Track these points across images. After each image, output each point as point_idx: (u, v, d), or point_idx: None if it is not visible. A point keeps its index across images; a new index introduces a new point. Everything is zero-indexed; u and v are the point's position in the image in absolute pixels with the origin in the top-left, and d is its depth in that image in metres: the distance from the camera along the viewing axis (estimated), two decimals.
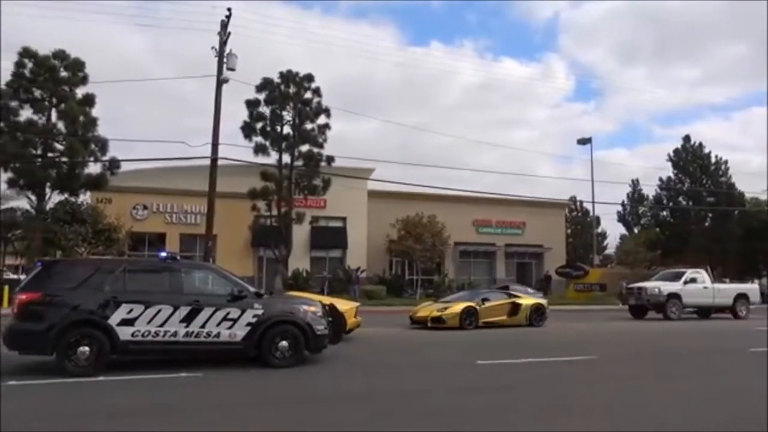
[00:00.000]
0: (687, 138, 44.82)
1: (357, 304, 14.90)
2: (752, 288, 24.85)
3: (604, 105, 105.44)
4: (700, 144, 44.33)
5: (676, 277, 22.94)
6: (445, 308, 16.94)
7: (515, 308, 17.84)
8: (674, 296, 21.88)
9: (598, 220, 51.06)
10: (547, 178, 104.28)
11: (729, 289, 23.31)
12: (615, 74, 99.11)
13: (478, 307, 17.00)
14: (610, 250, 55.60)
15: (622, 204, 50.57)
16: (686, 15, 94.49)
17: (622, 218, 52.70)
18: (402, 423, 5.93)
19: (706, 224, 42.81)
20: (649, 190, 48.78)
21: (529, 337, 14.85)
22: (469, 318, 16.65)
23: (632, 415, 6.38)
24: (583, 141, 39.11)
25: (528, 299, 18.91)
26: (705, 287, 22.62)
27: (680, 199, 44.47)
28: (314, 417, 6.16)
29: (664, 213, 45.49)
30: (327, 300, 12.52)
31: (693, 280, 22.64)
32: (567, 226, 49.25)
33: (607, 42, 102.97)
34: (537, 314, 17.96)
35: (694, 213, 42.56)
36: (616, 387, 8.03)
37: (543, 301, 19.11)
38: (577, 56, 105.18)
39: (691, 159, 43.82)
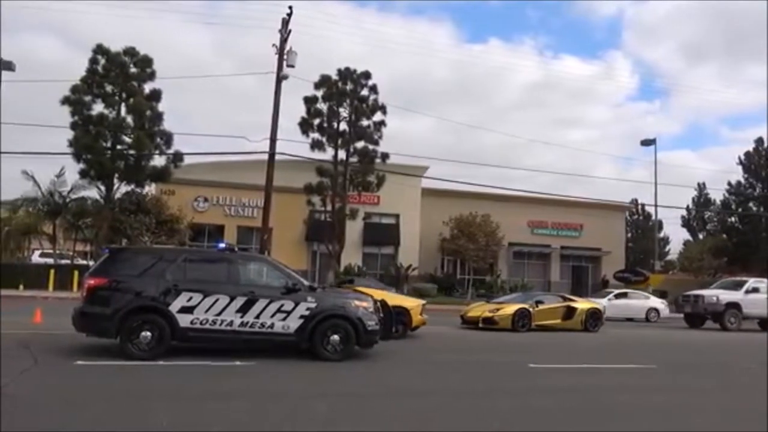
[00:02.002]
0: (759, 140, 42.59)
1: (423, 301, 14.66)
2: None
3: (669, 105, 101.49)
4: None
5: (737, 286, 21.90)
6: (498, 309, 16.73)
7: (570, 312, 17.43)
8: (733, 306, 20.86)
9: (660, 224, 49.16)
10: (606, 179, 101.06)
11: None
12: (682, 73, 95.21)
13: (531, 310, 16.70)
14: (673, 255, 53.46)
15: (687, 208, 48.56)
16: (759, 12, 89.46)
17: (686, 223, 50.63)
18: (448, 423, 5.87)
19: None
20: (716, 194, 46.71)
21: (584, 342, 14.48)
22: (522, 320, 16.36)
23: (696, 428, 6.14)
24: (647, 142, 37.63)
25: (584, 303, 18.45)
26: None
27: (750, 204, 42.28)
28: (361, 411, 6.21)
29: (733, 219, 43.39)
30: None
31: (755, 290, 21.46)
32: (627, 229, 47.65)
33: (675, 39, 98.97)
34: (593, 319, 17.50)
35: (766, 220, 40.36)
36: (679, 400, 7.70)
37: (599, 306, 18.60)
38: (642, 54, 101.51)
39: (763, 163, 41.59)
